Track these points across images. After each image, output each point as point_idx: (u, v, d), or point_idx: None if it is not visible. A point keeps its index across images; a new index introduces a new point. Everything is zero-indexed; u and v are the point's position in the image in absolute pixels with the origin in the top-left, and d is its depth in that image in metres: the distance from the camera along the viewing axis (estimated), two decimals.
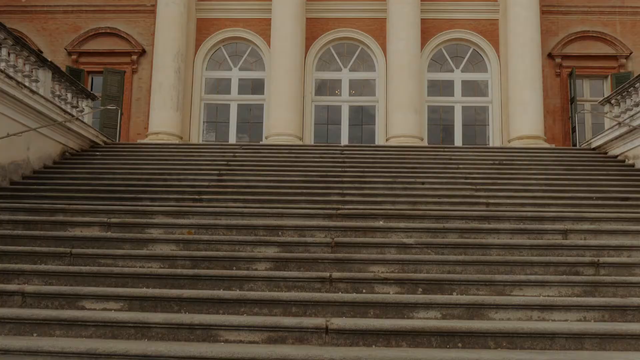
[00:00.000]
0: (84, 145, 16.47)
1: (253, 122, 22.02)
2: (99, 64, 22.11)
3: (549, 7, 22.12)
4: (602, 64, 22.07)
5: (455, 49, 22.28)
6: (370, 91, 22.10)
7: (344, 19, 22.21)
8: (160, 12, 21.08)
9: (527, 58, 20.34)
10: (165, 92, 20.42)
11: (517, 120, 20.21)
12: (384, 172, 13.84)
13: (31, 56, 14.06)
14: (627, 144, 15.78)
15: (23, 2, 22.93)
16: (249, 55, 22.44)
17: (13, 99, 12.76)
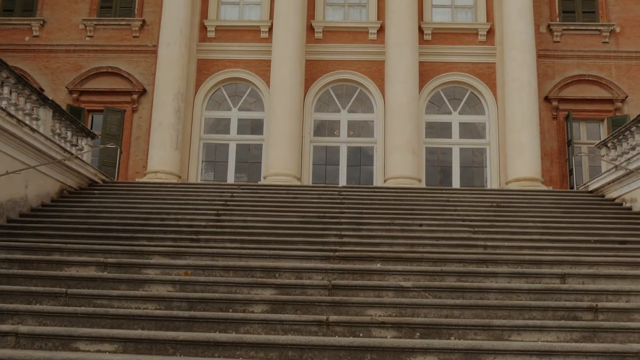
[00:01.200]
0: (83, 184, 16.49)
1: (252, 162, 22.09)
2: (99, 103, 22.27)
3: (545, 51, 22.42)
4: (598, 107, 22.27)
5: (452, 91, 22.51)
6: (368, 132, 22.25)
7: (343, 61, 22.47)
8: (162, 52, 21.33)
9: (524, 101, 20.53)
10: (164, 131, 20.53)
11: (515, 163, 20.29)
12: (382, 213, 13.85)
13: (32, 95, 14.19)
14: (624, 187, 15.84)
15: (26, 40, 23.22)
16: (249, 95, 22.63)
17: (13, 137, 12.83)
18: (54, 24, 23.33)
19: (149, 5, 23.22)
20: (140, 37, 23.02)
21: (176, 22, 21.32)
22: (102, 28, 23.16)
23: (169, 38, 21.21)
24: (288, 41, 21.05)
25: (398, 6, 21.35)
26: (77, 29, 23.26)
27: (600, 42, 22.71)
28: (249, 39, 22.75)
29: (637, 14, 22.86)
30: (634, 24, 22.84)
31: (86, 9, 23.38)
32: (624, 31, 22.79)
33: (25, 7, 23.54)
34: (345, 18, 23.22)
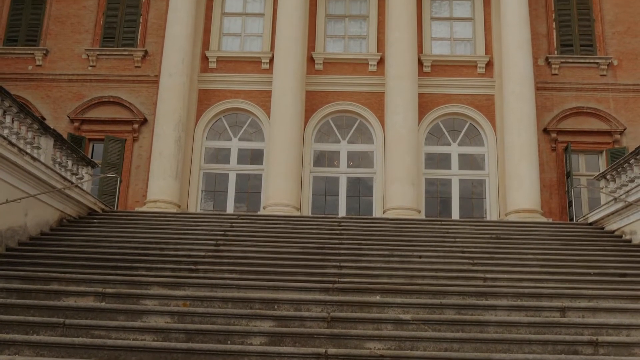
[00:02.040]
0: (82, 213, 16.50)
1: (251, 192, 22.11)
2: (100, 132, 22.37)
3: (543, 84, 22.60)
4: (596, 139, 22.37)
5: (452, 123, 22.64)
6: (368, 163, 22.32)
7: (343, 92, 22.63)
8: (163, 82, 21.49)
9: (523, 133, 20.63)
10: (165, 161, 20.59)
11: (514, 194, 20.32)
12: (381, 244, 13.84)
13: (34, 124, 14.27)
14: (623, 220, 15.85)
15: (29, 70, 23.41)
16: (249, 125, 22.75)
17: (14, 166, 12.89)
18: (57, 54, 23.54)
19: (151, 36, 23.47)
20: (142, 67, 23.21)
21: (178, 53, 21.52)
22: (105, 58, 23.37)
23: (171, 68, 21.39)
24: (288, 72, 21.23)
25: (398, 39, 21.57)
26: (79, 59, 23.46)
27: (598, 74, 22.90)
28: (249, 70, 22.96)
29: (634, 47, 23.10)
30: (631, 57, 23.05)
31: (89, 39, 23.62)
32: (621, 64, 23.00)
33: (29, 36, 23.79)
34: (346, 50, 23.45)
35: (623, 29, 23.26)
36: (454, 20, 23.75)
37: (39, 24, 23.89)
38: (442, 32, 23.69)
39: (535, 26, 23.06)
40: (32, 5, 24.12)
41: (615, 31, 23.30)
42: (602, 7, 23.50)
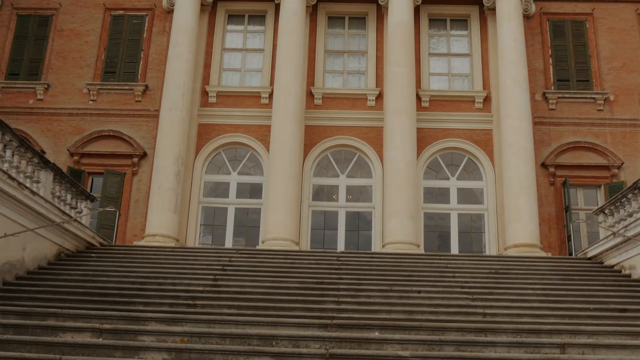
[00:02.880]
0: (80, 247, 16.46)
1: (250, 226, 22.07)
2: (100, 165, 22.42)
3: (541, 118, 22.75)
4: (594, 173, 22.43)
5: (450, 157, 22.72)
6: (367, 197, 22.35)
7: (342, 127, 22.75)
8: (163, 117, 21.63)
9: (521, 167, 20.70)
10: (164, 195, 20.61)
11: (513, 228, 20.31)
12: (380, 279, 13.80)
13: (34, 157, 14.33)
14: (622, 254, 15.84)
15: (30, 104, 23.56)
16: (248, 160, 22.82)
17: (13, 200, 12.91)
18: (58, 88, 23.72)
19: (152, 71, 23.69)
20: (142, 101, 23.37)
21: (178, 87, 21.71)
22: (106, 92, 23.55)
23: (171, 103, 21.55)
24: (288, 107, 21.40)
25: (396, 74, 21.78)
26: (80, 93, 23.63)
27: (595, 109, 23.07)
28: (249, 105, 23.12)
29: (630, 83, 23.31)
30: (627, 93, 23.25)
31: (90, 73, 23.83)
32: (617, 99, 23.18)
33: (31, 71, 24.01)
34: (345, 85, 23.66)
35: (619, 65, 23.52)
36: (452, 56, 24.02)
37: (41, 59, 24.14)
38: (440, 68, 23.94)
39: (532, 62, 23.32)
40: (34, 40, 24.39)
41: (611, 67, 23.55)
42: (597, 43, 23.80)
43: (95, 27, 24.43)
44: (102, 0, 24.65)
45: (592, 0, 24.23)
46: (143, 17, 24.42)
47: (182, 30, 22.34)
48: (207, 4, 23.87)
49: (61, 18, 24.58)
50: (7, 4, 24.84)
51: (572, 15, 24.15)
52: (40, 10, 24.76)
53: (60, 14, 24.64)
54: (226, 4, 24.49)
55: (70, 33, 24.40)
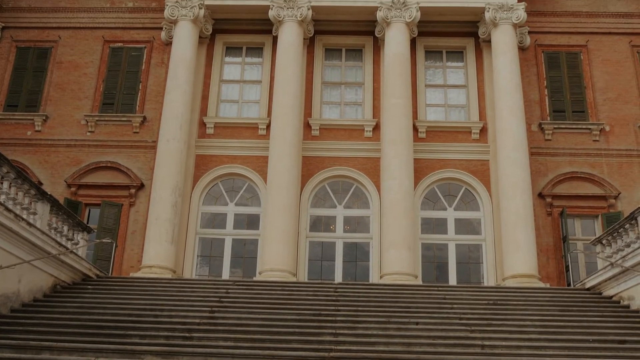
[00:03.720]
0: (76, 278, 16.38)
1: (247, 257, 21.97)
2: (97, 197, 22.39)
3: (537, 149, 22.84)
4: (592, 203, 22.45)
5: (447, 187, 22.75)
6: (364, 228, 22.31)
7: (339, 158, 22.80)
8: (161, 148, 21.68)
9: (518, 198, 20.73)
10: (161, 226, 20.56)
11: (511, 259, 20.26)
12: (378, 311, 13.73)
13: (31, 189, 14.34)
14: (620, 285, 15.79)
15: (28, 135, 23.62)
16: (246, 191, 22.82)
17: (10, 231, 12.89)
18: (56, 120, 23.81)
19: (150, 102, 23.81)
20: (140, 132, 23.45)
21: (176, 119, 21.80)
22: (104, 124, 23.63)
23: (169, 134, 21.63)
24: (285, 138, 21.48)
25: (393, 105, 21.93)
26: (78, 125, 23.71)
27: (591, 140, 23.18)
28: (247, 136, 23.20)
29: (625, 114, 23.46)
30: (622, 123, 23.38)
31: (89, 105, 23.94)
32: (613, 130, 23.31)
33: (29, 102, 24.12)
34: (342, 116, 23.78)
35: (614, 96, 23.70)
36: (448, 88, 24.21)
37: (40, 91, 24.26)
38: (436, 99, 24.11)
39: (528, 93, 23.50)
40: (33, 72, 24.56)
41: (606, 98, 23.73)
42: (592, 74, 24.01)
43: (94, 59, 24.62)
44: (102, 33, 24.89)
45: (586, 33, 24.52)
46: (142, 50, 24.64)
47: (181, 62, 22.53)
48: (205, 36, 24.12)
49: (60, 50, 24.79)
50: (6, 37, 25.06)
51: (567, 47, 24.42)
52: (40, 43, 24.99)
53: (60, 46, 24.85)
54: (224, 36, 24.73)
55: (69, 65, 24.59)
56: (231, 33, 24.74)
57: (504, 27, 22.82)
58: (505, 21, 22.82)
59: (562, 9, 24.76)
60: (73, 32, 25.03)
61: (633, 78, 23.91)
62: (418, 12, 22.95)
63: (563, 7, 24.78)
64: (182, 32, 23.01)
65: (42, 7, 25.33)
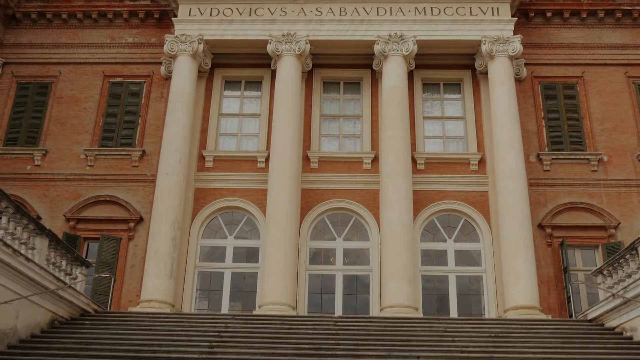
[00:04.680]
0: (74, 314, 16.25)
1: (247, 291, 21.82)
2: (96, 231, 22.36)
3: (536, 180, 22.87)
4: (592, 234, 22.39)
5: (447, 219, 22.72)
6: (364, 260, 22.23)
7: (338, 190, 22.82)
8: (160, 181, 21.70)
9: (518, 229, 20.69)
10: (160, 260, 20.47)
11: (512, 290, 20.14)
12: (379, 345, 13.60)
13: (30, 224, 14.32)
14: (623, 316, 15.67)
15: (28, 169, 23.67)
16: (245, 224, 22.78)
17: (8, 267, 12.83)
18: (55, 154, 23.89)
19: (149, 136, 23.90)
20: (139, 166, 23.50)
21: (175, 153, 21.87)
22: (103, 158, 23.70)
23: (168, 168, 21.67)
24: (284, 171, 21.53)
25: (391, 137, 22.02)
26: (78, 159, 23.78)
27: (589, 170, 23.22)
28: (246, 169, 23.25)
29: (622, 144, 23.54)
30: (620, 153, 23.45)
31: (88, 139, 24.04)
32: (611, 160, 23.37)
33: (29, 137, 24.22)
34: (340, 148, 23.87)
35: (611, 126, 23.82)
36: (446, 119, 24.35)
37: (40, 125, 24.39)
38: (434, 131, 24.22)
39: (525, 124, 23.62)
40: (33, 107, 24.72)
41: (604, 128, 23.84)
42: (589, 105, 24.16)
43: (94, 94, 24.80)
44: (102, 68, 25.11)
45: (582, 64, 24.75)
46: (141, 84, 24.84)
47: (180, 96, 22.69)
48: (204, 70, 24.33)
49: (60, 85, 24.99)
50: (7, 72, 25.28)
51: (563, 78, 24.62)
52: (40, 78, 25.21)
53: (60, 82, 25.06)
54: (223, 70, 24.95)
55: (69, 100, 24.76)
56: (230, 67, 24.98)
57: (501, 59, 23.04)
58: (502, 53, 23.05)
59: (557, 41, 25.03)
60: (73, 68, 25.28)
61: (630, 108, 24.05)
62: (415, 45, 23.19)
63: (559, 39, 25.06)
64: (181, 66, 23.22)
65: (43, 43, 25.64)
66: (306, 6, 23.97)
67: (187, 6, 24.18)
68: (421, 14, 23.82)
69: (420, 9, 23.89)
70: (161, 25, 25.51)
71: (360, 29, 23.70)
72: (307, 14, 23.88)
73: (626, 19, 25.05)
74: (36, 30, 25.88)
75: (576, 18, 25.17)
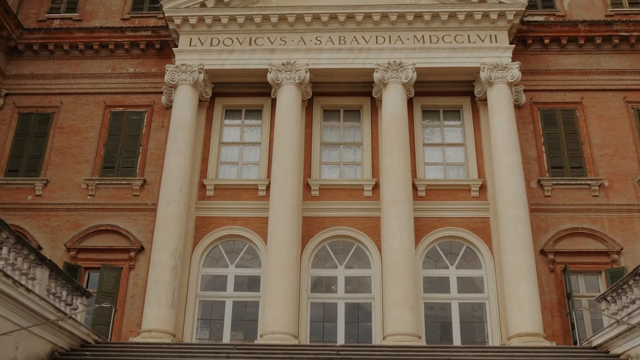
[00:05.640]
0: (75, 344, 16.13)
1: (248, 320, 21.64)
2: (97, 260, 22.29)
3: (537, 205, 22.82)
4: (594, 259, 22.28)
5: (449, 246, 22.63)
6: (366, 288, 22.09)
7: (339, 218, 22.74)
8: (161, 211, 21.68)
9: (520, 255, 20.60)
10: (160, 289, 20.36)
11: (515, 317, 19.97)
12: None
13: (30, 254, 14.30)
14: (627, 343, 15.54)
15: (29, 199, 23.68)
16: (246, 252, 22.71)
17: (8, 298, 12.77)
18: (56, 184, 23.92)
19: (150, 165, 23.95)
20: (140, 195, 23.51)
21: (176, 182, 21.88)
22: (104, 187, 23.72)
23: (169, 197, 21.67)
24: (285, 199, 21.51)
25: (392, 164, 22.04)
26: (79, 188, 23.80)
27: (591, 195, 23.18)
28: (246, 197, 23.23)
29: (623, 169, 23.53)
30: (621, 178, 23.42)
31: (89, 169, 24.08)
32: (612, 185, 23.34)
33: (30, 167, 24.27)
34: (341, 176, 23.87)
35: (611, 152, 23.83)
36: (446, 146, 24.39)
37: (41, 155, 24.45)
38: (435, 157, 24.23)
39: (526, 149, 23.65)
40: (35, 137, 24.80)
41: (604, 153, 23.86)
42: (589, 130, 24.20)
43: (95, 124, 24.91)
44: (103, 98, 25.26)
45: (580, 90, 24.85)
46: (142, 114, 24.95)
47: (181, 125, 22.77)
48: (204, 99, 24.46)
49: (62, 115, 25.11)
50: (9, 103, 25.44)
51: (562, 104, 24.70)
52: (42, 109, 25.34)
53: (61, 112, 25.20)
54: (224, 99, 25.09)
55: (70, 130, 24.86)
56: (230, 96, 25.11)
57: (499, 85, 23.15)
58: (500, 80, 23.16)
59: (556, 67, 25.18)
60: (75, 98, 25.42)
61: (629, 134, 24.09)
62: (414, 73, 23.34)
63: (557, 66, 25.22)
64: (182, 96, 23.35)
65: (45, 74, 25.83)
66: (306, 35, 24.19)
67: (188, 36, 24.40)
68: (420, 41, 24.01)
69: (418, 37, 24.10)
70: (162, 56, 25.72)
71: (360, 57, 23.88)
72: (307, 43, 24.09)
73: (623, 44, 25.22)
74: (38, 62, 26.09)
75: (574, 44, 25.35)
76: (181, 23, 24.32)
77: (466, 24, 24.02)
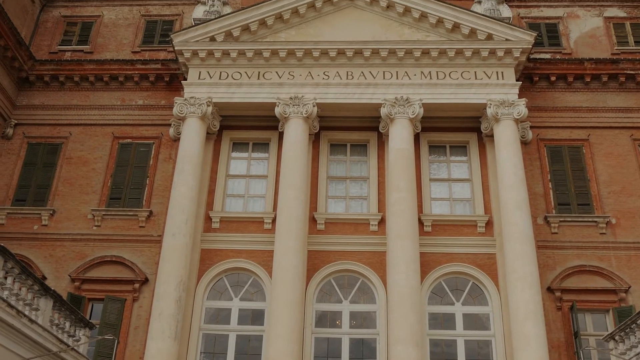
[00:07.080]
0: None
1: (252, 354, 21.40)
2: (101, 291, 22.20)
3: (544, 242, 22.69)
4: (602, 297, 22.08)
5: (455, 282, 22.48)
6: (371, 323, 21.90)
7: (345, 252, 22.65)
8: (166, 242, 21.66)
9: (526, 292, 20.42)
10: (164, 322, 20.23)
11: (522, 355, 19.72)
12: None
13: (35, 285, 14.29)
14: None
15: (35, 229, 23.73)
16: (250, 285, 22.59)
17: (11, 329, 12.72)
18: (63, 214, 23.97)
19: (156, 197, 24.00)
20: (146, 227, 23.52)
21: (182, 213, 21.91)
22: (110, 218, 23.75)
23: (174, 229, 21.67)
24: (291, 232, 21.48)
25: (398, 199, 22.03)
26: (85, 219, 23.84)
27: (598, 233, 23.06)
28: (252, 230, 23.20)
29: (630, 207, 23.44)
30: (628, 216, 23.33)
31: (96, 199, 24.16)
32: (619, 222, 23.23)
33: (37, 197, 24.37)
34: (347, 210, 23.84)
35: (618, 189, 23.78)
36: (453, 181, 24.37)
37: (49, 185, 24.57)
38: (441, 193, 24.21)
39: (532, 186, 23.61)
40: (43, 167, 24.95)
41: (611, 190, 23.80)
42: (595, 167, 24.18)
43: (103, 155, 25.06)
44: (111, 130, 25.46)
45: (587, 127, 24.91)
46: (150, 145, 25.11)
47: (188, 157, 22.88)
48: (212, 132, 24.61)
49: (70, 146, 25.30)
50: (18, 133, 25.65)
51: (569, 141, 24.73)
52: (51, 139, 25.54)
53: (70, 142, 25.38)
54: (231, 132, 25.23)
55: (78, 160, 25.01)
56: (238, 129, 25.26)
57: (506, 122, 23.22)
58: (507, 116, 23.25)
59: (562, 104, 25.29)
60: (83, 129, 25.64)
61: (636, 171, 24.06)
62: (421, 109, 23.46)
63: (563, 103, 25.33)
64: (190, 128, 23.50)
65: (55, 105, 26.12)
66: (313, 70, 24.42)
67: (197, 70, 24.66)
68: (427, 77, 24.19)
69: (425, 73, 24.29)
70: (171, 88, 25.99)
71: (367, 93, 24.05)
72: (315, 78, 24.30)
73: (629, 82, 25.35)
74: (48, 92, 26.41)
75: (580, 82, 25.50)
76: (191, 56, 24.61)
77: (473, 61, 24.22)
